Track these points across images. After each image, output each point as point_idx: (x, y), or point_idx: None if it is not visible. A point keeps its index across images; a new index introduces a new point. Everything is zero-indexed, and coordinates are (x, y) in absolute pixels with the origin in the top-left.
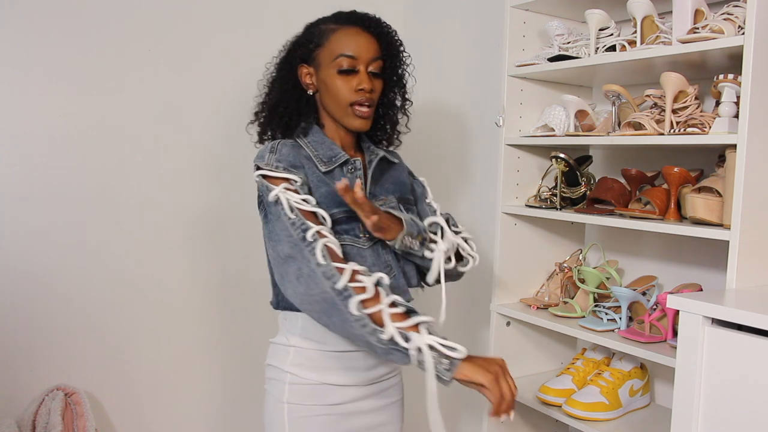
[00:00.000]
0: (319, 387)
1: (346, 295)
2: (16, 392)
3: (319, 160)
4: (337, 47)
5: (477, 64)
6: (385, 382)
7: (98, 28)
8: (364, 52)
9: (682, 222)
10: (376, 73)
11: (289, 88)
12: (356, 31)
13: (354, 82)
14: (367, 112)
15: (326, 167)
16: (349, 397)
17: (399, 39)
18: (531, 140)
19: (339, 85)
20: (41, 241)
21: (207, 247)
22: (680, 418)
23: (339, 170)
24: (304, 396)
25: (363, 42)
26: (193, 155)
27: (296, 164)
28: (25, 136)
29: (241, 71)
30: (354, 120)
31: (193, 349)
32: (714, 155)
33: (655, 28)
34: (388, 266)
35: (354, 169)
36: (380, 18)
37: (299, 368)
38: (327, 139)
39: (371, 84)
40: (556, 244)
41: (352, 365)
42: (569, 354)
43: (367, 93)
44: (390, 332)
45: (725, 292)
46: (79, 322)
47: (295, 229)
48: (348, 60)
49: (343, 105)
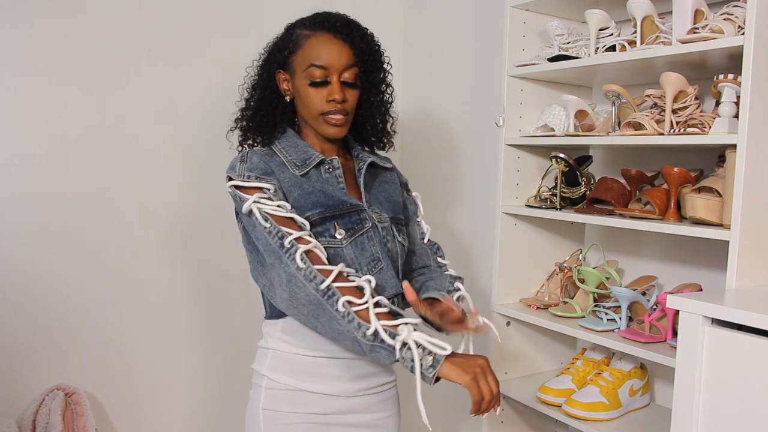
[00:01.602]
0: (297, 393)
1: (330, 294)
2: (16, 392)
3: (292, 164)
4: (309, 56)
5: (477, 64)
6: (376, 396)
7: (98, 28)
8: (335, 61)
9: (682, 222)
10: (349, 82)
11: (268, 95)
12: (328, 38)
13: (325, 92)
14: (341, 120)
15: (300, 170)
16: (330, 408)
17: (376, 42)
18: (531, 140)
19: (311, 95)
20: (41, 241)
21: (207, 247)
22: (680, 418)
23: (315, 171)
24: (281, 402)
25: (335, 50)
26: (193, 155)
27: (267, 171)
28: (25, 136)
29: (241, 71)
30: (327, 128)
31: (193, 349)
32: (714, 155)
33: (655, 28)
34: (375, 259)
35: (332, 168)
36: (355, 21)
37: (276, 372)
38: (301, 142)
39: (343, 94)
40: (556, 244)
41: (334, 374)
42: (569, 354)
43: (339, 104)
44: (375, 327)
45: (725, 292)
46: (79, 322)
47: (272, 237)
48: (319, 70)
49: (315, 115)
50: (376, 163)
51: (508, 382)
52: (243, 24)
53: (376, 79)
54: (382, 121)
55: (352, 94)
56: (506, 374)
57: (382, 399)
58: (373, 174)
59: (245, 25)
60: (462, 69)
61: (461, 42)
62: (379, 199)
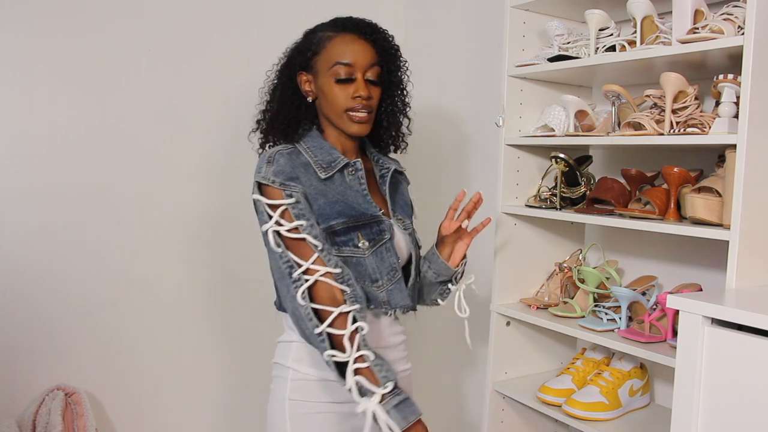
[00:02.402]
0: (321, 383)
1: (321, 339)
2: (17, 392)
3: (318, 165)
4: (334, 55)
5: (477, 64)
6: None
7: (98, 28)
8: (360, 59)
9: (682, 222)
10: (373, 80)
11: (289, 96)
12: (352, 38)
13: (351, 89)
14: (365, 117)
15: (326, 173)
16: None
17: (396, 44)
18: (531, 140)
19: (336, 93)
20: (41, 241)
21: (207, 247)
22: (680, 417)
23: (339, 175)
24: (306, 392)
25: (359, 49)
26: (193, 155)
27: (293, 176)
28: (25, 136)
29: (240, 71)
30: (352, 125)
31: (193, 349)
32: (714, 155)
33: (655, 28)
34: (393, 269)
35: (355, 171)
36: (377, 24)
37: (300, 363)
38: (326, 143)
39: (368, 91)
40: (556, 244)
41: None
42: (569, 354)
43: (364, 100)
44: (350, 384)
45: (725, 292)
46: (79, 322)
47: (282, 262)
48: (345, 68)
49: (339, 112)
50: (398, 170)
51: (508, 382)
52: (243, 24)
53: (396, 79)
54: (399, 122)
55: (376, 92)
56: (506, 374)
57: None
58: (395, 182)
59: (245, 26)
60: (462, 69)
61: (461, 42)
62: (400, 205)
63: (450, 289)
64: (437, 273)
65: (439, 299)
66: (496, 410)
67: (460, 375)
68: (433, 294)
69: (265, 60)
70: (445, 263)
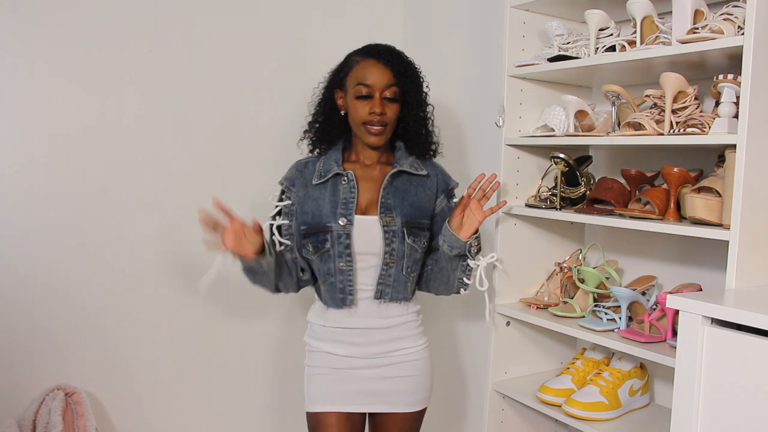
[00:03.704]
0: (321, 353)
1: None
2: (17, 392)
3: (318, 173)
4: (358, 76)
5: (477, 64)
6: (388, 358)
7: (98, 28)
8: (378, 81)
9: (682, 222)
10: (391, 98)
11: (327, 110)
12: (373, 63)
13: (368, 106)
14: (379, 130)
15: (319, 180)
16: (347, 365)
17: (414, 67)
18: (531, 140)
19: (357, 108)
20: (41, 241)
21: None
22: (680, 417)
23: (333, 181)
24: (314, 359)
25: (378, 72)
26: (193, 155)
27: (292, 183)
28: (25, 136)
29: (240, 71)
30: (369, 137)
31: (193, 349)
32: (713, 155)
33: (655, 29)
34: (329, 272)
35: (347, 180)
36: (397, 50)
37: (310, 338)
38: (335, 154)
39: (382, 107)
40: (556, 244)
41: (349, 340)
42: (569, 354)
43: (378, 116)
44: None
45: (725, 292)
46: (79, 322)
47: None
48: (365, 88)
49: (358, 124)
50: (405, 171)
51: (508, 382)
52: (243, 24)
53: (413, 98)
54: (422, 133)
55: (391, 108)
56: (506, 374)
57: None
58: (406, 180)
59: (245, 25)
60: (462, 69)
61: (461, 42)
62: (402, 204)
63: (469, 265)
64: (450, 245)
65: (465, 278)
66: (496, 410)
67: (460, 375)
68: (457, 272)
69: (265, 60)
70: (453, 234)
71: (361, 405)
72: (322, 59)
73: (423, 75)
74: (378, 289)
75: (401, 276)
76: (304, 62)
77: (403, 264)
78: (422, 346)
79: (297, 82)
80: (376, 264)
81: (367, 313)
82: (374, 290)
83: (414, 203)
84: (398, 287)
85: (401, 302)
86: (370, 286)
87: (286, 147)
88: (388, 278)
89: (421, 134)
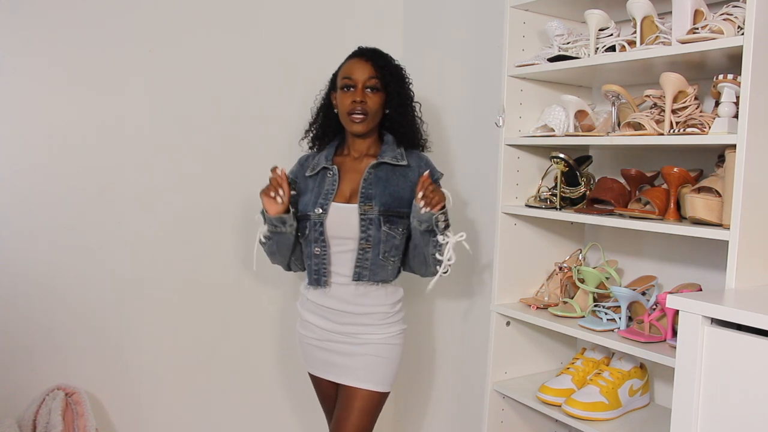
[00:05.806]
0: (305, 323)
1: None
2: (17, 392)
3: (311, 167)
4: (343, 72)
5: (477, 64)
6: (357, 337)
7: (99, 29)
8: (359, 74)
9: (682, 222)
10: (372, 87)
11: (325, 109)
12: (356, 60)
13: (352, 97)
14: (361, 118)
15: (311, 172)
16: (321, 336)
17: (394, 61)
18: (531, 140)
19: (342, 100)
20: (41, 242)
21: (207, 247)
22: (680, 417)
23: (322, 174)
24: (300, 327)
25: (360, 67)
26: (193, 155)
27: (295, 176)
28: (25, 137)
29: (239, 71)
30: (352, 125)
31: (192, 349)
32: (713, 155)
33: (655, 29)
34: (310, 256)
35: (332, 174)
36: (379, 50)
37: (300, 308)
38: (326, 151)
39: (363, 96)
40: (556, 244)
41: (325, 316)
42: (569, 354)
43: (359, 104)
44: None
45: (725, 292)
46: (79, 322)
47: None
48: (348, 80)
49: (343, 114)
50: (385, 162)
51: (508, 382)
52: (243, 24)
53: (393, 89)
54: (406, 123)
55: (373, 99)
56: (506, 374)
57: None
58: (390, 170)
59: (245, 26)
60: (462, 69)
61: (461, 42)
62: (382, 193)
63: (439, 241)
64: (419, 221)
65: (437, 254)
66: (496, 410)
67: (460, 375)
68: (429, 248)
69: (265, 60)
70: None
71: (327, 373)
72: (324, 60)
73: (407, 73)
74: (356, 272)
75: (378, 260)
76: (305, 63)
77: (380, 249)
78: (393, 334)
79: (298, 84)
80: (353, 248)
81: (341, 296)
82: (352, 273)
83: (394, 193)
84: (375, 270)
85: (380, 284)
86: (348, 269)
87: (287, 147)
88: (365, 262)
89: (405, 124)
